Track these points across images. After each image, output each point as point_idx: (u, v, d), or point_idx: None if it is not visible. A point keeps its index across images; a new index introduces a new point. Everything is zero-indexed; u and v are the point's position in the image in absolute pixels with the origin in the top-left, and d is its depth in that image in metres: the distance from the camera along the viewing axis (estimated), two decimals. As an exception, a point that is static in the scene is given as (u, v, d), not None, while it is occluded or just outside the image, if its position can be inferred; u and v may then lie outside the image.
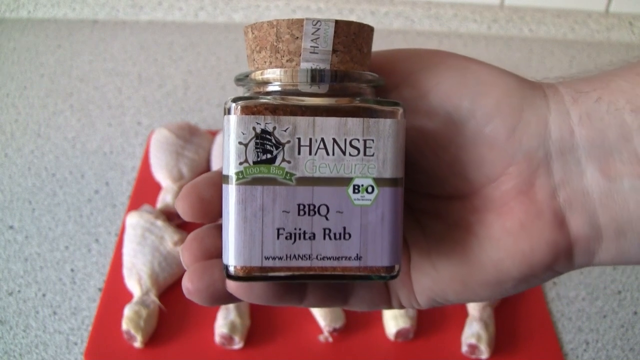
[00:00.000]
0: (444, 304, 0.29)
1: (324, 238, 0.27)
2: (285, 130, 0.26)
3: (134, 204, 0.71)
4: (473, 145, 0.27)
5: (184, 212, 0.28)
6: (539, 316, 0.63)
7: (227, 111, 0.26)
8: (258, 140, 0.26)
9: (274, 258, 0.26)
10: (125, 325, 0.57)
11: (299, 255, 0.27)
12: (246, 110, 0.26)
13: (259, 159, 0.26)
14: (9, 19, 1.05)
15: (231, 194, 0.26)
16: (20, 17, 1.06)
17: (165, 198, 0.70)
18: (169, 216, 0.68)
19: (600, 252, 0.26)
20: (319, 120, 0.26)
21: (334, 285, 0.30)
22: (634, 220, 0.25)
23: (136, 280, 0.61)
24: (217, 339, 0.58)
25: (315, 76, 0.27)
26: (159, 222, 0.64)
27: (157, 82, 0.93)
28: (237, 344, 0.58)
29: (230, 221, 0.26)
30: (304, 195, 0.27)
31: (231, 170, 0.26)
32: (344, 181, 0.27)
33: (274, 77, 0.27)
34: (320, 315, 0.60)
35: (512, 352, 0.59)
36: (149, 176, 0.74)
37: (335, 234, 0.27)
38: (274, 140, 0.26)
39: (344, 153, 0.27)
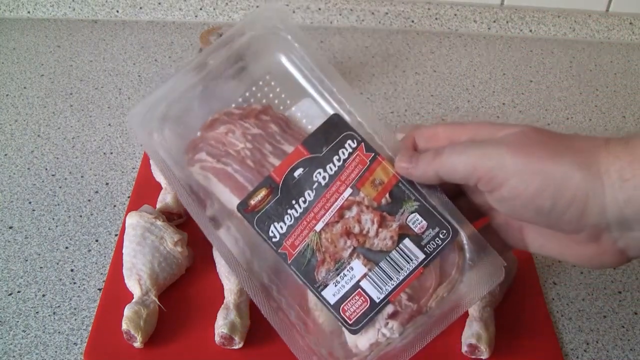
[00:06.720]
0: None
1: None
2: None
3: (134, 204, 0.71)
4: (556, 225, 0.44)
5: None
6: (539, 316, 0.63)
7: None
8: None
9: None
10: (125, 325, 0.57)
11: None
12: None
13: None
14: (9, 19, 1.05)
15: None
16: (20, 17, 1.06)
17: (165, 198, 0.70)
18: (169, 216, 0.68)
19: None
20: None
21: None
22: None
23: (136, 280, 0.61)
24: (217, 339, 0.58)
25: None
26: (159, 222, 0.64)
27: (157, 82, 0.93)
28: (237, 344, 0.58)
29: None
30: None
31: None
32: None
33: None
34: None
35: (512, 352, 0.59)
36: (149, 176, 0.74)
37: None
38: None
39: None
